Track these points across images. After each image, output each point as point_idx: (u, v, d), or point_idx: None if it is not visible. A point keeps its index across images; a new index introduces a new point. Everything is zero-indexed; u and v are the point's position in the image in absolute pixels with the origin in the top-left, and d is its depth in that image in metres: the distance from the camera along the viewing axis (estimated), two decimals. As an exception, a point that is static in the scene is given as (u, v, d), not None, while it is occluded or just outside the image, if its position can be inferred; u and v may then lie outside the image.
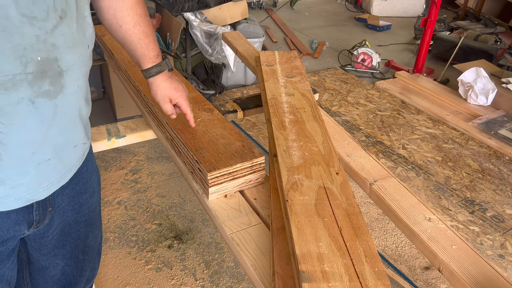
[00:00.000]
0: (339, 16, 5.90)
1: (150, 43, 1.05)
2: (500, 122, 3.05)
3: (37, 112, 0.72)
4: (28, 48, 0.66)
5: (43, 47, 0.68)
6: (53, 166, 0.81)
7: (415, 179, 2.54)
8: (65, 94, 0.76)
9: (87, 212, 1.01)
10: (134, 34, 1.02)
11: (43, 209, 0.86)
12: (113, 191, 2.33)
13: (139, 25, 1.02)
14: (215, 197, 1.08)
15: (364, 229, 0.84)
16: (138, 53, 1.05)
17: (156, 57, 1.07)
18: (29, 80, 0.68)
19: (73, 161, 0.87)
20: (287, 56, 1.64)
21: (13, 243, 0.85)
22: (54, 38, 0.70)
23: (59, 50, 0.71)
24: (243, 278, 1.85)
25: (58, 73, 0.73)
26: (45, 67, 0.70)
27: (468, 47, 4.05)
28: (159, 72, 1.07)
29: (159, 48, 1.08)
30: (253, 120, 3.10)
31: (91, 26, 0.82)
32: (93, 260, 1.12)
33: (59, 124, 0.77)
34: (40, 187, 0.80)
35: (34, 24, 0.66)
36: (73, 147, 0.85)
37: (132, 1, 1.00)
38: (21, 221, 0.83)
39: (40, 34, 0.67)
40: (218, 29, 3.15)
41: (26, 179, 0.77)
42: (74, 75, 0.77)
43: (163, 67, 1.08)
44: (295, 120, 1.21)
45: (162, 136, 1.34)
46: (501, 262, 1.99)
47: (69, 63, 0.74)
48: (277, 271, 0.83)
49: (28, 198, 0.80)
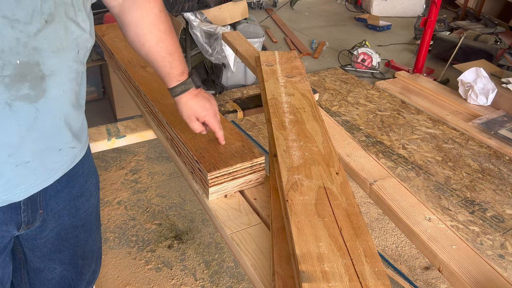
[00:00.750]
0: (339, 16, 5.90)
1: (174, 60, 1.02)
2: (500, 122, 3.05)
3: (14, 115, 0.71)
4: (6, 50, 0.65)
5: (22, 51, 0.67)
6: (33, 169, 0.79)
7: (415, 179, 2.54)
8: (48, 98, 0.74)
9: (84, 216, 1.00)
10: (157, 52, 0.99)
11: (32, 211, 0.85)
12: (113, 191, 2.33)
13: (162, 43, 0.99)
14: (215, 197, 1.08)
15: (364, 229, 0.84)
16: (162, 72, 1.03)
17: (181, 75, 1.04)
18: (5, 83, 0.67)
19: (58, 164, 0.86)
20: (287, 56, 1.64)
21: (3, 241, 0.85)
22: (36, 42, 0.69)
23: (41, 54, 0.70)
24: (243, 278, 1.85)
25: (39, 77, 0.71)
26: (24, 71, 0.69)
27: (468, 47, 4.05)
28: (184, 91, 1.04)
29: (185, 65, 1.05)
30: (253, 120, 3.10)
31: (86, 31, 0.80)
32: (94, 264, 1.12)
33: (41, 128, 0.76)
34: (17, 189, 0.79)
35: (15, 27, 0.65)
36: (58, 151, 0.84)
37: (154, 18, 0.97)
38: (8, 221, 0.82)
39: (21, 37, 0.66)
40: (218, 29, 3.15)
41: (2, 180, 0.76)
42: (58, 80, 0.75)
43: (189, 85, 1.05)
44: (295, 120, 1.21)
45: (162, 136, 1.34)
46: (501, 262, 1.99)
47: (52, 68, 0.73)
48: (277, 271, 0.84)
49: (4, 199, 0.78)
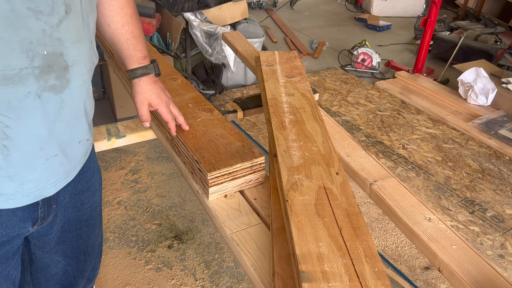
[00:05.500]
0: (339, 16, 5.90)
1: (138, 44, 1.04)
2: (500, 122, 3.05)
3: (44, 106, 0.72)
4: (34, 42, 0.67)
5: (49, 41, 0.69)
6: (60, 162, 0.81)
7: (415, 179, 2.54)
8: (71, 88, 0.76)
9: (89, 211, 1.01)
10: (122, 34, 1.02)
11: (48, 206, 0.87)
12: (113, 191, 2.33)
13: (127, 26, 1.02)
14: (215, 197, 1.08)
15: (364, 229, 0.84)
16: (124, 53, 1.05)
17: (143, 59, 1.06)
18: (35, 74, 0.68)
19: (78, 157, 0.88)
20: (287, 56, 1.64)
21: (18, 241, 0.86)
22: (59, 33, 0.70)
23: (64, 45, 0.72)
24: (243, 278, 1.85)
25: (63, 68, 0.73)
26: (51, 61, 0.70)
27: (468, 47, 4.05)
28: (144, 75, 1.07)
29: (147, 51, 1.08)
30: (253, 120, 3.10)
31: (94, 21, 0.83)
32: (94, 260, 1.12)
33: (65, 119, 0.78)
34: (47, 184, 0.81)
35: (40, 18, 0.67)
36: (77, 143, 0.86)
37: (123, 2, 1.00)
38: (26, 218, 0.83)
39: (46, 28, 0.68)
40: (218, 29, 3.15)
41: (34, 175, 0.77)
42: (79, 70, 0.77)
43: (149, 70, 1.07)
44: (295, 120, 1.21)
45: (162, 136, 1.34)
46: (501, 262, 1.99)
47: (74, 58, 0.75)
48: (277, 271, 0.83)
49: (36, 195, 0.80)
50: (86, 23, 0.78)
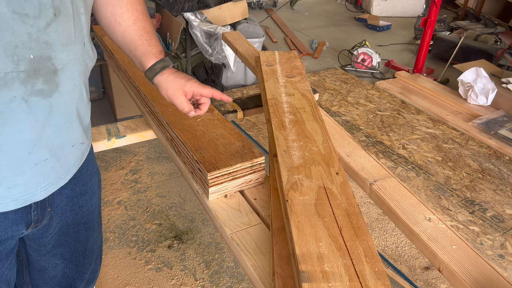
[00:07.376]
0: (339, 16, 5.90)
1: (152, 39, 0.99)
2: (500, 122, 3.05)
3: (31, 111, 0.71)
4: (19, 45, 0.65)
5: (35, 45, 0.67)
6: (50, 166, 0.80)
7: (415, 179, 2.54)
8: (61, 93, 0.74)
9: (87, 214, 1.00)
10: (135, 30, 0.96)
11: (41, 209, 0.86)
12: (113, 191, 2.33)
13: (139, 22, 0.97)
14: (215, 197, 1.08)
15: (364, 229, 0.84)
16: (140, 51, 0.98)
17: (160, 53, 0.99)
18: (21, 79, 0.67)
19: (72, 161, 0.86)
20: (287, 56, 1.64)
21: (11, 243, 0.85)
22: (47, 36, 0.69)
23: (53, 48, 0.70)
24: (243, 278, 1.85)
25: (52, 72, 0.71)
26: (38, 65, 0.69)
27: (468, 47, 4.05)
28: (164, 68, 0.99)
29: (161, 46, 1.03)
30: (253, 120, 3.10)
31: (88, 23, 0.81)
32: (94, 262, 1.12)
33: (55, 123, 0.76)
34: (38, 188, 0.79)
35: (26, 22, 0.65)
36: (71, 147, 0.84)
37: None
38: (19, 221, 0.82)
39: (32, 31, 0.66)
40: (218, 29, 3.15)
41: (23, 179, 0.76)
42: (70, 74, 0.76)
43: (168, 63, 0.99)
44: (295, 120, 1.21)
45: (162, 136, 1.34)
46: (501, 262, 1.99)
47: (64, 61, 0.73)
48: (277, 271, 0.83)
49: (26, 199, 0.79)
50: (78, 25, 0.76)
